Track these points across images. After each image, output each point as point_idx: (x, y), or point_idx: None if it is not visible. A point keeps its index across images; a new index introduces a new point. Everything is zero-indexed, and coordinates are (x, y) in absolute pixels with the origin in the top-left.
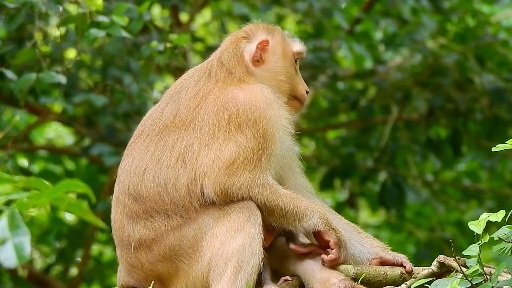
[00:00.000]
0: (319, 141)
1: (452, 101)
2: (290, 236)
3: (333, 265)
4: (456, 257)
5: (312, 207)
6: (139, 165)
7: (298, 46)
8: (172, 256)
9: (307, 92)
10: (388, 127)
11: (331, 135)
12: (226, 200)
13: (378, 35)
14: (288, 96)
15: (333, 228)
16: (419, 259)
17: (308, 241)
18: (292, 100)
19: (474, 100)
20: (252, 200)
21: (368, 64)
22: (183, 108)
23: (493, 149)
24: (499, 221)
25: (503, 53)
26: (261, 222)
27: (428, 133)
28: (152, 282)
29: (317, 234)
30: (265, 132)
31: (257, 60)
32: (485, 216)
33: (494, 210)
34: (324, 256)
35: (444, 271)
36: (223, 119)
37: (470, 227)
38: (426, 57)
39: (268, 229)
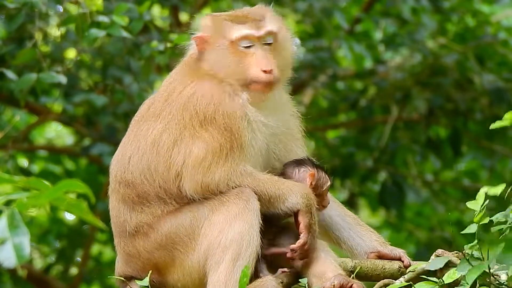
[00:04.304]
0: (319, 141)
1: (452, 101)
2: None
3: (303, 251)
4: (455, 251)
5: (294, 187)
6: (125, 153)
7: (237, 32)
8: (168, 244)
9: (266, 71)
10: (388, 127)
11: (331, 135)
12: (208, 196)
13: (378, 35)
14: (243, 83)
15: (311, 213)
16: (419, 259)
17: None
18: (252, 84)
19: (474, 100)
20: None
21: (368, 64)
22: (156, 101)
23: (492, 126)
24: (498, 194)
25: (503, 53)
26: (259, 208)
27: (428, 133)
28: (150, 272)
29: (295, 215)
30: (227, 126)
31: (201, 54)
32: (484, 190)
33: (494, 210)
34: (292, 245)
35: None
36: (186, 118)
37: (468, 205)
38: (426, 57)
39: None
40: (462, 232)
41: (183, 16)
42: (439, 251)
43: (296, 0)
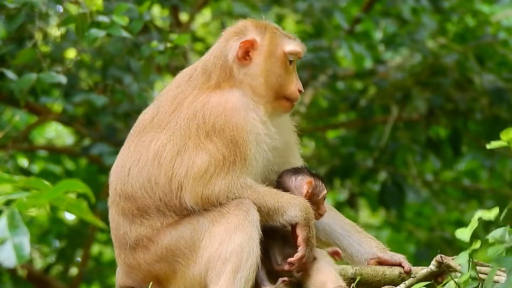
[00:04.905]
0: (318, 141)
1: (452, 101)
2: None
3: (300, 264)
4: (455, 256)
5: (293, 200)
6: (124, 165)
7: (291, 45)
8: (169, 257)
9: (300, 92)
10: (388, 127)
11: (331, 135)
12: (208, 207)
13: (378, 35)
14: (276, 95)
15: (309, 226)
16: (419, 259)
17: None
18: (282, 100)
19: (474, 100)
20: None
21: (368, 64)
22: (161, 111)
23: (488, 147)
24: (493, 219)
25: (503, 53)
26: (259, 220)
27: (428, 133)
28: (150, 283)
29: (293, 228)
30: (233, 138)
31: (244, 59)
32: (479, 215)
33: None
34: (290, 259)
35: (442, 270)
36: (192, 128)
37: (457, 236)
38: (426, 57)
39: None
40: (454, 258)
41: (183, 16)
42: (439, 256)
43: (296, 0)
